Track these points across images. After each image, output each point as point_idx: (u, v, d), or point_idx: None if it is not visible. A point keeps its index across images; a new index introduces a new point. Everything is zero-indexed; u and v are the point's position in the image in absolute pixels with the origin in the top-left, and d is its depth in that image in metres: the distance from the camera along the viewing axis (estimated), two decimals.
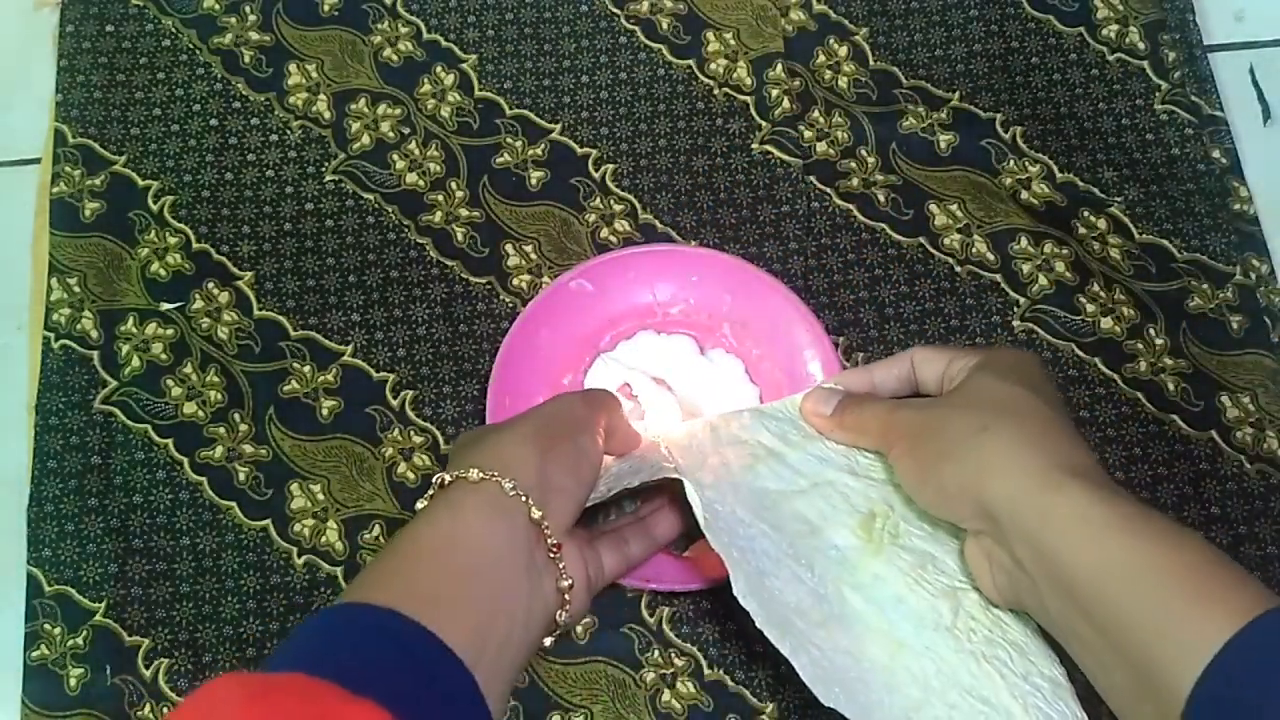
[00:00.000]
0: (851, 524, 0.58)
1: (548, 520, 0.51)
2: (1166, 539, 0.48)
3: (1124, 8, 0.78)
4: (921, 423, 0.56)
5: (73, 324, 0.71)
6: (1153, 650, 0.46)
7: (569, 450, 0.54)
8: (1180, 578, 0.47)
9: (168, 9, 0.78)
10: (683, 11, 0.78)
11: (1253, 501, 0.66)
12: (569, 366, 0.68)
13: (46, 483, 0.67)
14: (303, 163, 0.74)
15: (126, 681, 0.63)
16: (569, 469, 0.54)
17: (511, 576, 0.50)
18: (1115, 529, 0.48)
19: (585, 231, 0.73)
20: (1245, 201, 0.73)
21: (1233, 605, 0.45)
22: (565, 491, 0.53)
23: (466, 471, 0.51)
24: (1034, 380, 0.56)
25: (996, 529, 0.52)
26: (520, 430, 0.54)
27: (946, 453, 0.54)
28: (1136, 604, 0.47)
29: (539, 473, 0.52)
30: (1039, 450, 0.52)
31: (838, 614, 0.55)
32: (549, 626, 0.52)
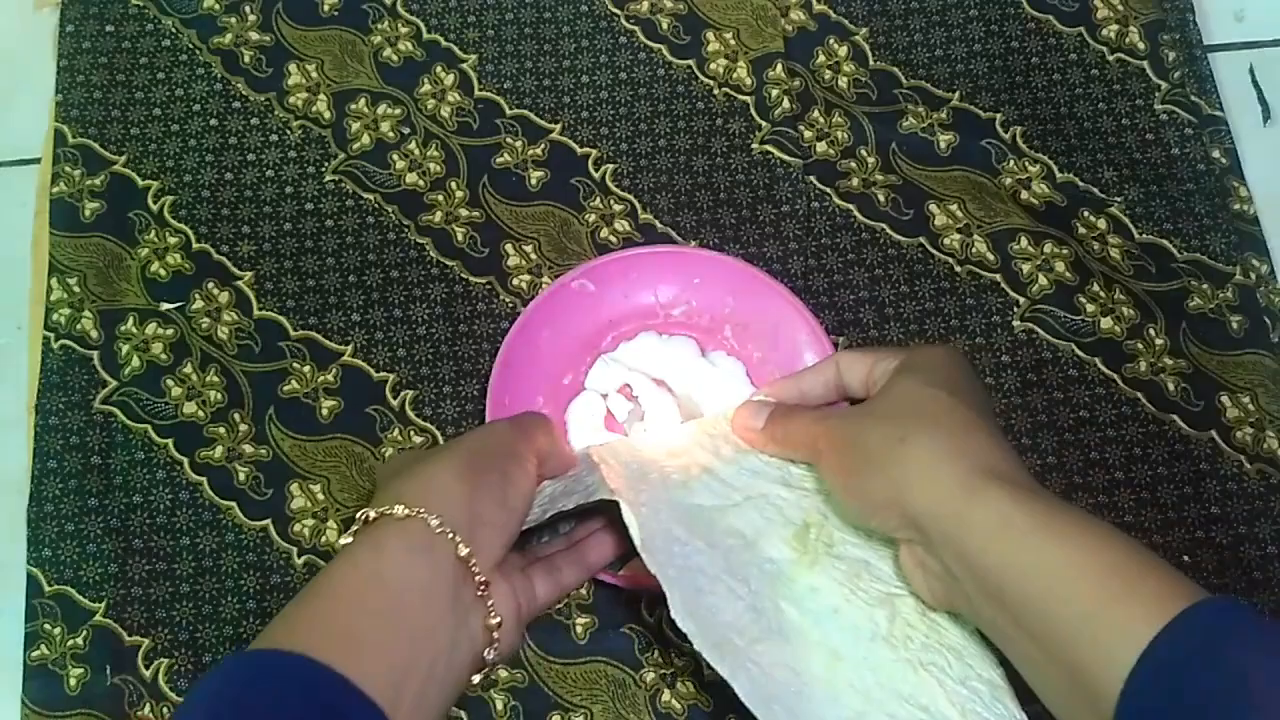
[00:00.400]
0: (785, 536, 0.58)
1: (475, 557, 0.50)
2: (1088, 538, 0.48)
3: (1124, 8, 0.78)
4: (845, 435, 0.56)
5: (73, 324, 0.71)
6: (1081, 652, 0.46)
7: (497, 482, 0.53)
8: (1103, 577, 0.47)
9: (168, 9, 0.78)
10: (683, 11, 0.78)
11: (1253, 501, 0.66)
12: (570, 366, 0.68)
13: (46, 483, 0.67)
14: (303, 163, 0.74)
15: (126, 681, 0.63)
16: (498, 502, 0.53)
17: (435, 616, 0.49)
18: (1036, 531, 0.48)
19: (585, 231, 0.73)
20: (1245, 201, 0.73)
21: (1155, 603, 0.45)
22: (494, 525, 0.52)
23: (391, 508, 0.50)
24: (954, 380, 0.56)
25: (924, 537, 0.52)
26: (447, 462, 0.53)
27: (869, 465, 0.54)
28: (1062, 607, 0.47)
29: (467, 507, 0.51)
30: (957, 456, 0.51)
31: (775, 628, 0.55)
32: (476, 665, 0.51)
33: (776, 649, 0.54)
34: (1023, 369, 0.69)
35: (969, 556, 0.50)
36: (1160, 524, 0.66)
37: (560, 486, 0.59)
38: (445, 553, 0.50)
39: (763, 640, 0.54)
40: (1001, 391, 0.69)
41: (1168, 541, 0.65)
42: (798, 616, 0.55)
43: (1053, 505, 0.49)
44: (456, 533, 0.50)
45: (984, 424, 0.54)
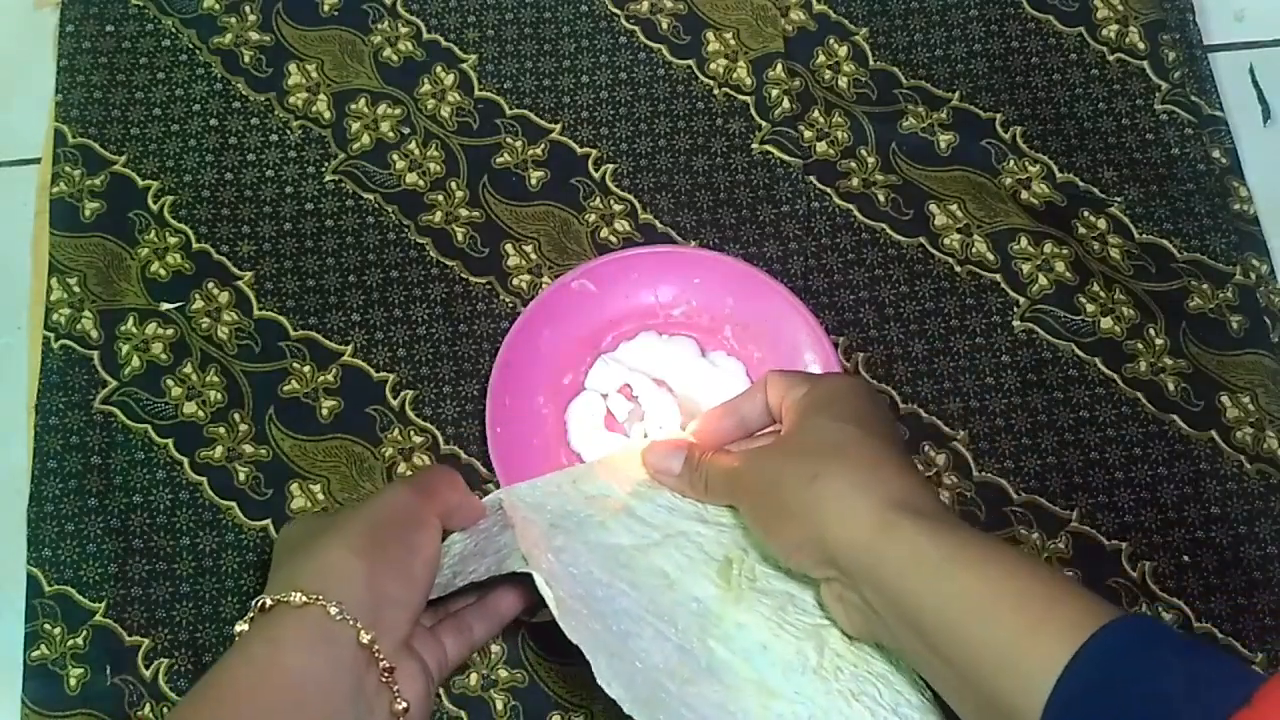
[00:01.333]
0: (709, 573, 0.57)
1: (379, 641, 0.49)
2: (1000, 567, 0.48)
3: (1124, 8, 0.78)
4: (759, 478, 0.56)
5: (73, 324, 0.71)
6: (1000, 682, 0.46)
7: (401, 554, 0.51)
8: (1016, 605, 0.47)
9: (168, 9, 0.78)
10: (683, 11, 0.78)
11: (1253, 501, 0.66)
12: (570, 366, 0.68)
13: (46, 483, 0.67)
14: (303, 163, 0.74)
15: (126, 681, 0.63)
16: (402, 576, 0.51)
17: (333, 709, 0.47)
18: (948, 562, 0.48)
19: (585, 231, 0.73)
20: (1245, 201, 0.73)
21: (1068, 627, 0.45)
22: (398, 603, 0.50)
23: (288, 595, 0.48)
24: (859, 411, 0.56)
25: (841, 573, 0.52)
26: (345, 538, 0.51)
27: (784, 507, 0.53)
28: (979, 638, 0.47)
29: (368, 587, 0.49)
30: (868, 491, 0.51)
31: (705, 667, 0.54)
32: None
33: (709, 689, 0.53)
34: (1023, 369, 0.69)
35: (885, 590, 0.50)
36: (1160, 524, 0.66)
37: (470, 544, 0.57)
38: (346, 641, 0.48)
39: (694, 681, 0.53)
40: (1001, 391, 0.69)
41: (1168, 541, 0.65)
42: (727, 654, 0.55)
43: (964, 535, 0.50)
44: (358, 619, 0.48)
45: (893, 456, 0.54)
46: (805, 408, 0.57)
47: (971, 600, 0.48)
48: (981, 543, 0.50)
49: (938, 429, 0.68)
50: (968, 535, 0.50)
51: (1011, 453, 0.68)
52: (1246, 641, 0.64)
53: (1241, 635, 0.64)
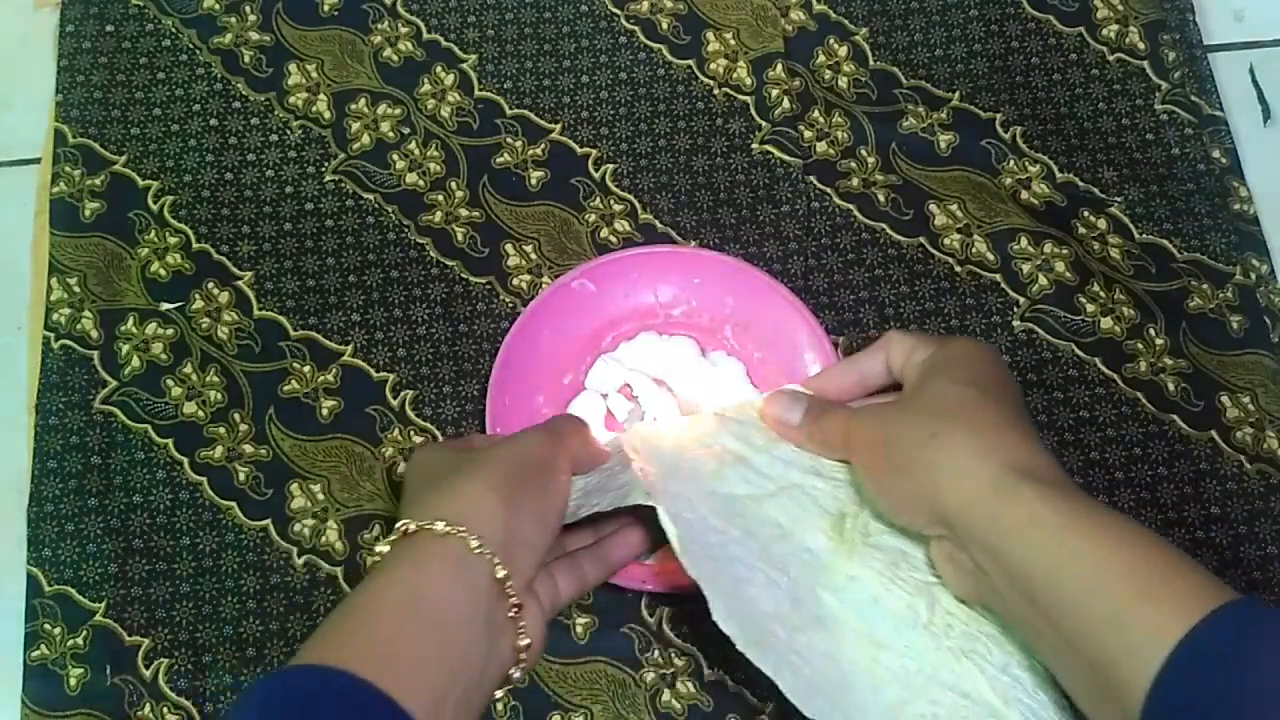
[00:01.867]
0: (822, 526, 0.58)
1: (511, 579, 0.50)
2: (1117, 536, 0.48)
3: (1124, 8, 0.78)
4: (876, 433, 0.56)
5: (73, 324, 0.71)
6: (1109, 651, 0.46)
7: (536, 498, 0.53)
8: (1132, 577, 0.47)
9: (168, 9, 0.78)
10: (683, 11, 0.78)
11: (1253, 501, 0.66)
12: (570, 366, 0.68)
13: (46, 483, 0.67)
14: (303, 163, 0.74)
15: (126, 681, 0.63)
16: (535, 520, 0.53)
17: (471, 636, 0.49)
18: (1067, 530, 0.48)
19: (585, 231, 0.73)
20: (1245, 201, 0.73)
21: (1184, 603, 0.45)
22: (529, 544, 0.52)
23: (432, 524, 0.50)
24: (984, 376, 0.56)
25: (954, 534, 0.52)
26: (485, 477, 0.52)
27: (899, 464, 0.54)
28: (1091, 605, 0.47)
29: (505, 527, 0.51)
30: (988, 453, 0.51)
31: (815, 616, 0.55)
32: (501, 683, 0.52)
33: (818, 638, 0.54)
34: (1023, 369, 0.69)
35: (998, 553, 0.50)
36: (1160, 524, 0.66)
37: (594, 481, 0.58)
38: (483, 573, 0.50)
39: (804, 630, 0.54)
40: None
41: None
42: (837, 606, 0.56)
43: (1082, 503, 0.50)
44: (495, 553, 0.50)
45: (1015, 421, 0.54)
46: (928, 369, 0.57)
47: (1086, 567, 0.47)
48: (1100, 511, 0.49)
49: None
50: (1086, 503, 0.50)
51: None
52: None
53: None
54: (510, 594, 0.50)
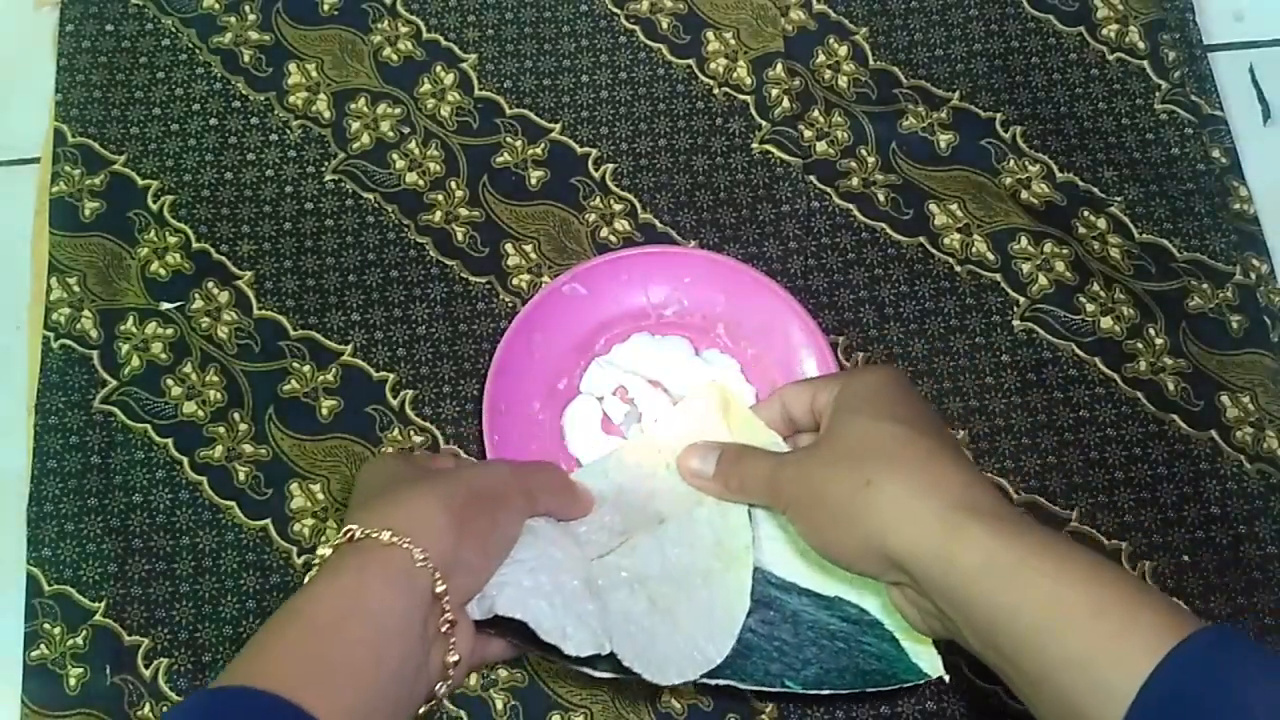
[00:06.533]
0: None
1: (449, 595, 0.50)
2: (1078, 574, 0.47)
3: (1124, 7, 0.78)
4: (804, 485, 0.54)
5: (72, 324, 0.71)
6: (1077, 692, 0.45)
7: (484, 526, 0.53)
8: (1095, 614, 0.46)
9: (168, 8, 0.78)
10: (683, 11, 0.78)
11: (1253, 501, 0.66)
12: (564, 371, 0.68)
13: (46, 482, 0.67)
14: (303, 162, 0.74)
15: (126, 681, 0.63)
16: (480, 546, 0.53)
17: (405, 648, 0.49)
18: (1023, 569, 0.47)
19: (585, 231, 0.73)
20: (1245, 201, 0.73)
21: (1149, 637, 0.44)
22: (472, 569, 0.52)
23: (379, 532, 0.50)
24: (904, 408, 0.55)
25: (910, 579, 0.51)
26: (440, 494, 0.52)
27: (837, 517, 0.52)
28: (1054, 647, 0.46)
29: (451, 548, 0.51)
30: (929, 493, 0.50)
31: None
32: (428, 698, 0.51)
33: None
34: (1023, 369, 0.69)
35: (956, 597, 0.49)
36: (1160, 524, 0.66)
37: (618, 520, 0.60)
38: (423, 587, 0.50)
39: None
40: (1001, 391, 0.69)
41: (1168, 541, 0.65)
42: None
43: (1036, 538, 0.48)
44: (437, 569, 0.50)
45: (948, 453, 0.52)
46: (841, 407, 0.55)
47: (1047, 608, 0.46)
48: (1055, 546, 0.48)
49: None
50: (1040, 537, 0.49)
51: (1011, 452, 0.68)
52: None
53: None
54: (446, 609, 0.50)
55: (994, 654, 0.49)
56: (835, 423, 0.55)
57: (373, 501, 0.53)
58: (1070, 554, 0.48)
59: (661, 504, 0.60)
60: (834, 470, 0.53)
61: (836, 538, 0.53)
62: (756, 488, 0.58)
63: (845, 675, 0.56)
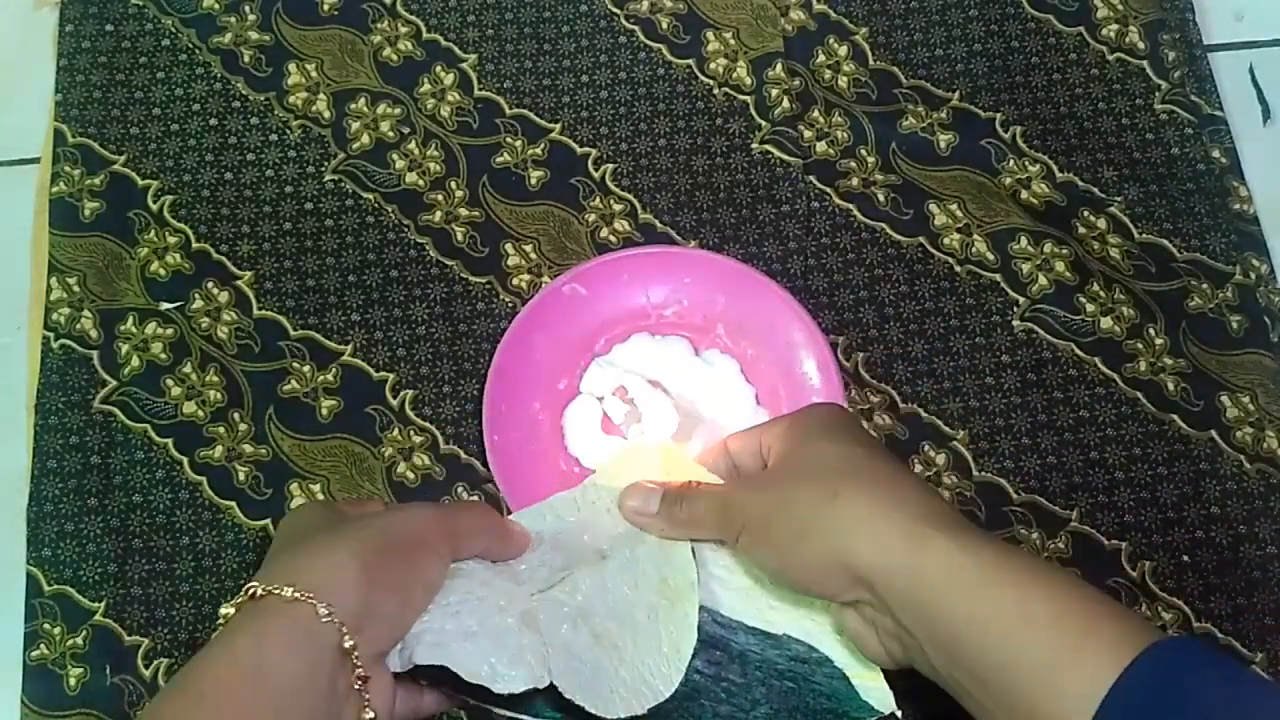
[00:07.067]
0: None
1: (360, 649, 0.48)
2: (1040, 586, 0.47)
3: (1124, 7, 0.78)
4: (764, 505, 0.54)
5: (72, 324, 0.71)
6: (1038, 703, 0.45)
7: (401, 574, 0.51)
8: (1059, 625, 0.46)
9: (167, 8, 0.78)
10: (682, 11, 0.78)
11: (1253, 501, 0.66)
12: (564, 371, 0.68)
13: (46, 483, 0.67)
14: (302, 162, 0.74)
15: (126, 681, 0.63)
16: (396, 595, 0.50)
17: (308, 710, 0.47)
18: (988, 580, 0.48)
19: (585, 231, 0.73)
20: (1245, 201, 0.73)
21: (1112, 649, 0.44)
22: (387, 619, 0.50)
23: (280, 589, 0.48)
24: (859, 437, 0.55)
25: (873, 595, 0.50)
26: (349, 545, 0.50)
27: (802, 530, 0.52)
28: (1017, 656, 0.46)
29: (361, 598, 0.49)
30: (896, 507, 0.50)
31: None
32: None
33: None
34: (1023, 369, 0.69)
35: (922, 609, 0.49)
36: (1160, 524, 0.66)
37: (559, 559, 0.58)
38: (328, 643, 0.48)
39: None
40: (1001, 391, 0.69)
41: (1168, 541, 0.65)
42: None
43: (1001, 551, 0.49)
44: (345, 623, 0.48)
45: (905, 472, 0.53)
46: (798, 435, 0.55)
47: (1010, 619, 0.47)
48: (1018, 559, 0.49)
49: (938, 429, 0.68)
50: (1003, 551, 0.49)
51: (1011, 453, 0.68)
52: (1246, 641, 0.64)
53: (1241, 635, 0.64)
54: (357, 665, 0.49)
55: (956, 669, 0.48)
56: (793, 449, 0.55)
57: (283, 555, 0.51)
58: (1033, 566, 0.49)
59: (602, 544, 0.59)
60: (798, 487, 0.53)
61: (799, 554, 0.52)
62: (706, 519, 0.56)
63: (796, 715, 0.55)
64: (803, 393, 0.66)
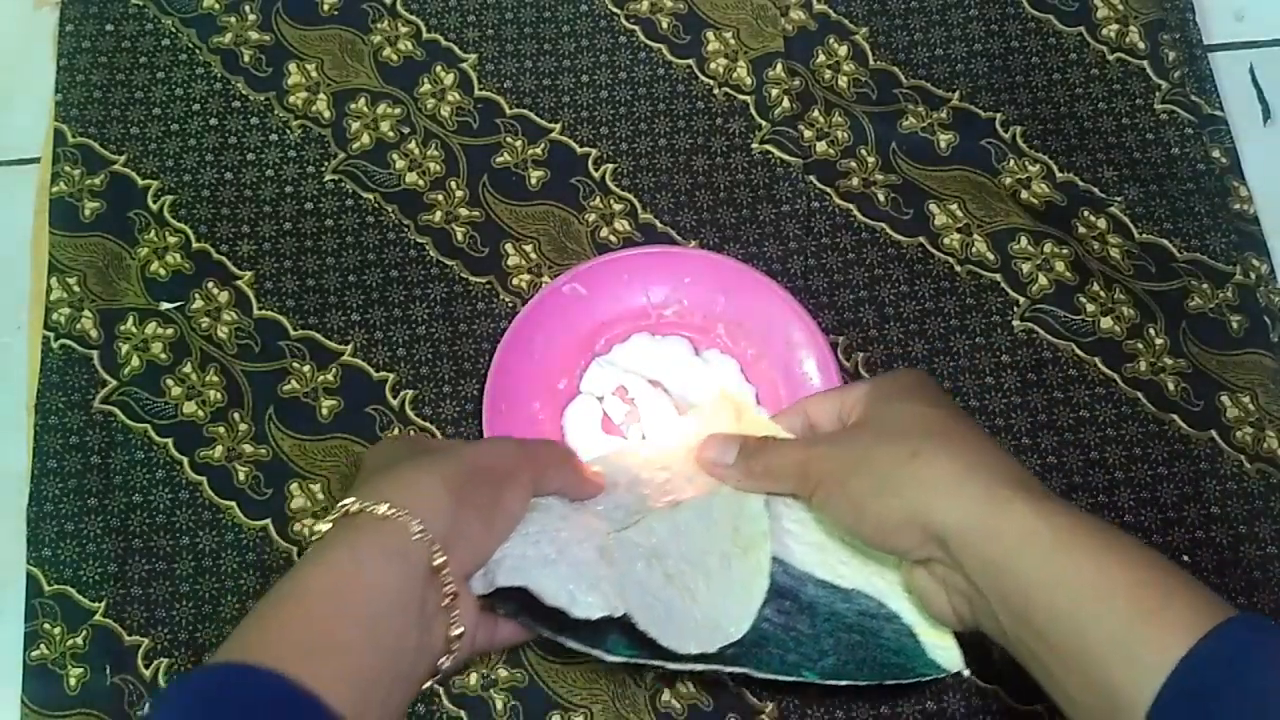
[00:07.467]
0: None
1: (449, 568, 0.50)
2: (1117, 553, 0.48)
3: (1124, 7, 0.78)
4: (844, 458, 0.55)
5: (72, 324, 0.71)
6: (1107, 670, 0.46)
7: (487, 501, 0.52)
8: (1131, 594, 0.46)
9: (167, 8, 0.78)
10: (683, 11, 0.78)
11: (1253, 501, 0.66)
12: (564, 371, 0.68)
13: (46, 483, 0.67)
14: (302, 162, 0.74)
15: (126, 681, 0.63)
16: (482, 521, 0.52)
17: (403, 623, 0.48)
18: (1064, 546, 0.48)
19: (585, 231, 0.73)
20: (1245, 201, 0.73)
21: (1186, 621, 0.45)
22: (472, 542, 0.51)
23: (374, 505, 0.49)
24: (941, 398, 0.56)
25: (947, 554, 0.51)
26: (440, 468, 0.52)
27: (881, 485, 0.52)
28: (1089, 623, 0.46)
29: (450, 520, 0.50)
30: (977, 469, 0.51)
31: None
32: (430, 673, 0.51)
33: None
34: (1023, 369, 0.69)
35: (996, 570, 0.49)
36: (1160, 524, 0.66)
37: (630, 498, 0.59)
38: (419, 560, 0.49)
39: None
40: (1001, 391, 0.69)
41: (1168, 541, 0.65)
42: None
43: (1078, 518, 0.49)
44: (435, 541, 0.49)
45: (985, 436, 0.54)
46: (881, 395, 0.56)
47: (1085, 584, 0.47)
48: (1096, 527, 0.49)
49: None
50: (1081, 518, 0.49)
51: (1011, 452, 0.67)
52: None
53: None
54: (446, 582, 0.50)
55: (1025, 631, 0.49)
56: (874, 410, 0.56)
57: (374, 478, 0.52)
58: (1111, 534, 0.49)
59: (677, 492, 0.60)
60: (880, 443, 0.54)
61: (875, 509, 0.53)
62: (783, 472, 0.57)
63: (863, 668, 0.56)
64: (802, 393, 0.66)
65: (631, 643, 0.53)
